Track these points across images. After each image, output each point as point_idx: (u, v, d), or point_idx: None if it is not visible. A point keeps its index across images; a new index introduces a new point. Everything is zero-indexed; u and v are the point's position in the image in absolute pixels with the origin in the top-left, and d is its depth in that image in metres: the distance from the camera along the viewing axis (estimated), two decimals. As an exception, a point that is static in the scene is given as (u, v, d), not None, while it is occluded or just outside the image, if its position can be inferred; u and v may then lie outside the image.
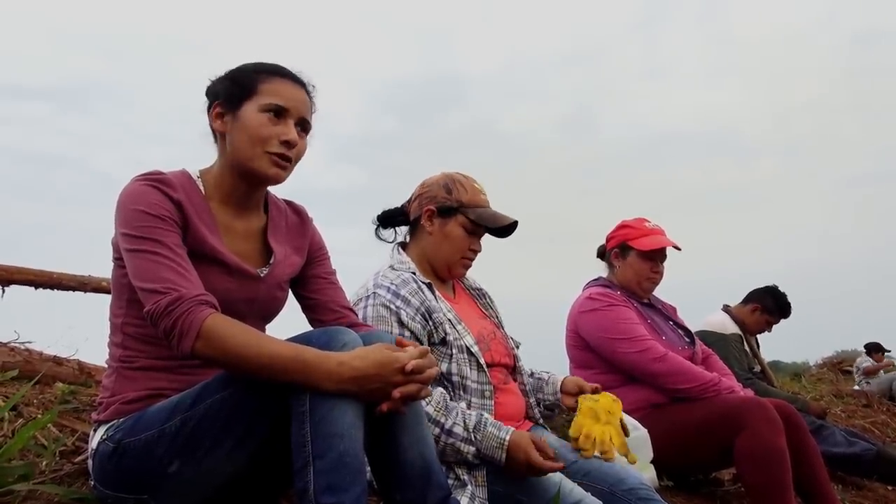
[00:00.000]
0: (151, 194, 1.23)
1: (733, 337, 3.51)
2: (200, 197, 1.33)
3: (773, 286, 3.79)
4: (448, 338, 1.62)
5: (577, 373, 2.50)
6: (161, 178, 1.27)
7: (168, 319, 1.11)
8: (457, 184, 1.78)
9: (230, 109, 1.32)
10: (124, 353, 1.29)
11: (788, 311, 3.74)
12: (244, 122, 1.30)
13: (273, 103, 1.30)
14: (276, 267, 1.40)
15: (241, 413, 1.14)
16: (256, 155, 1.30)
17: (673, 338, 2.43)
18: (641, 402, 2.26)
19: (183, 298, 1.13)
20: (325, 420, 1.07)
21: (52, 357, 2.58)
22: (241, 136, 1.30)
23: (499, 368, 1.75)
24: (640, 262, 2.48)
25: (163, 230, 1.21)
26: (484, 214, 1.76)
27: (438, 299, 1.70)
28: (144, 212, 1.21)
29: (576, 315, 2.46)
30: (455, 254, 1.77)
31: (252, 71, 1.34)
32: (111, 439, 1.22)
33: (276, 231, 1.44)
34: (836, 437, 3.04)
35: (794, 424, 2.21)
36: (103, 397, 1.30)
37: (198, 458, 1.16)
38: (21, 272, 3.07)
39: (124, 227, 1.21)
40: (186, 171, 1.36)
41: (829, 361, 7.51)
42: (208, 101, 1.37)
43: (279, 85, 1.33)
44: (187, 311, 1.12)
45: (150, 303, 1.14)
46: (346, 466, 1.04)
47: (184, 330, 1.11)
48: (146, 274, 1.17)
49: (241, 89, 1.32)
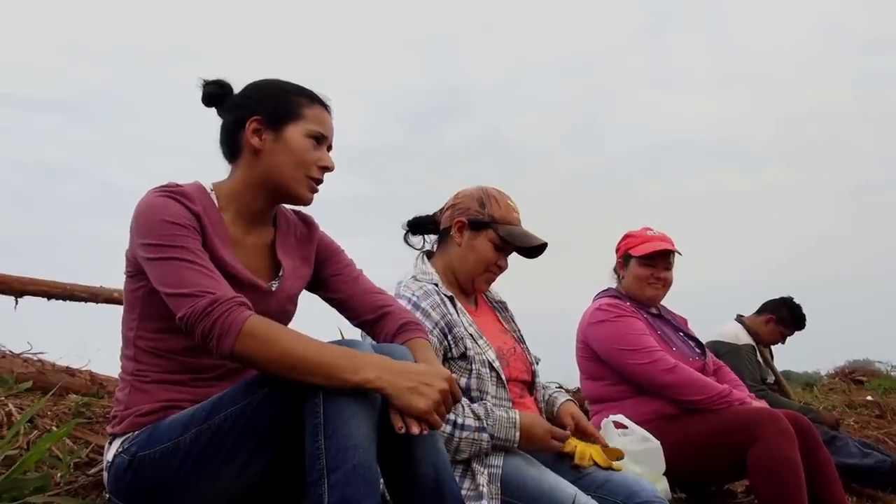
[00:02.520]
0: (172, 205, 1.25)
1: (746, 348, 3.48)
2: (214, 209, 1.34)
3: (788, 297, 3.75)
4: (469, 352, 1.63)
5: (588, 384, 2.50)
6: (179, 189, 1.28)
7: (207, 321, 1.12)
8: (491, 199, 1.79)
9: (271, 128, 1.35)
10: (137, 366, 1.30)
11: (803, 322, 3.71)
12: (290, 145, 1.34)
13: (318, 131, 1.36)
14: (286, 280, 1.41)
15: (256, 425, 1.15)
16: (298, 178, 1.36)
17: (683, 349, 2.42)
18: (652, 414, 2.25)
19: (220, 300, 1.13)
20: (338, 432, 1.07)
21: (65, 368, 2.61)
22: (285, 158, 1.34)
23: (515, 383, 1.75)
24: (640, 268, 2.48)
25: (187, 237, 1.22)
26: (514, 232, 1.77)
27: (460, 312, 1.70)
28: (168, 221, 1.22)
29: (585, 326, 2.46)
30: (479, 267, 1.78)
31: (295, 94, 1.38)
32: (126, 452, 1.23)
33: (284, 244, 1.45)
34: (850, 448, 3.01)
35: (808, 435, 2.19)
36: (117, 410, 1.31)
37: (212, 471, 1.17)
38: (35, 283, 3.11)
39: (146, 237, 1.22)
40: (200, 184, 1.37)
41: (840, 371, 7.42)
42: (236, 114, 1.38)
43: (320, 112, 1.39)
44: (227, 311, 1.12)
45: (186, 307, 1.13)
46: (360, 479, 1.05)
47: (224, 330, 1.11)
48: (176, 280, 1.17)
49: (285, 111, 1.36)
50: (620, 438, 1.84)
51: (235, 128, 1.37)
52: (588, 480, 1.59)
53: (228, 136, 1.39)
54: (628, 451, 1.76)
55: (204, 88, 1.41)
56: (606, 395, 2.39)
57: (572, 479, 1.56)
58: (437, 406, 1.13)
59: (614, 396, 2.37)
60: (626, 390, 2.34)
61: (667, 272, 2.49)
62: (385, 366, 1.12)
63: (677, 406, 2.26)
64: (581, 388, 2.69)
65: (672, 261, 2.51)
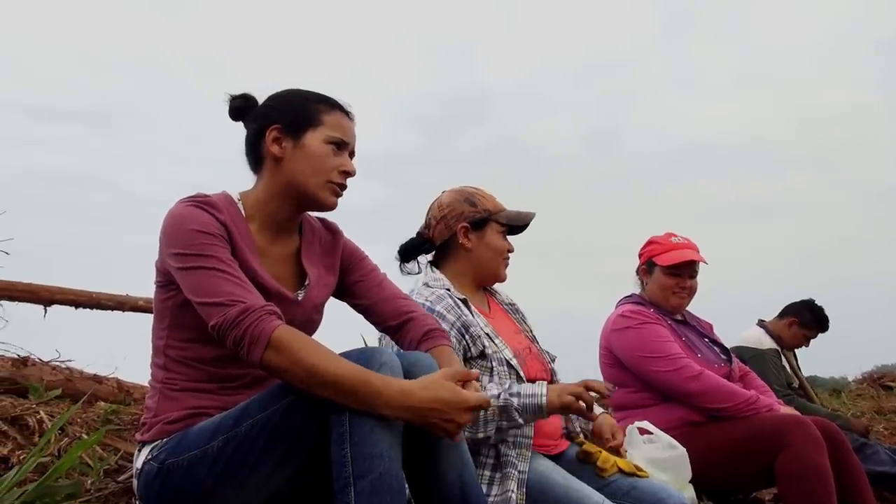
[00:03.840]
0: (201, 215, 1.26)
1: (770, 352, 3.44)
2: (241, 219, 1.36)
3: (810, 300, 3.70)
4: (487, 351, 1.64)
5: (612, 391, 2.48)
6: (207, 200, 1.30)
7: (238, 330, 1.13)
8: (476, 196, 1.86)
9: (290, 136, 1.37)
10: (166, 374, 1.31)
11: (826, 324, 3.65)
12: (309, 151, 1.36)
13: (338, 137, 1.37)
14: (312, 290, 1.42)
15: (282, 434, 1.15)
16: (319, 184, 1.37)
17: (708, 355, 2.39)
18: (678, 421, 2.23)
19: (251, 309, 1.15)
20: (365, 441, 1.07)
21: (92, 376, 2.65)
22: (305, 165, 1.36)
23: None
24: (665, 277, 2.44)
25: (217, 247, 1.24)
26: (511, 215, 1.86)
27: (475, 314, 1.71)
28: (197, 230, 1.24)
29: (609, 333, 2.44)
30: (498, 258, 1.85)
31: (314, 101, 1.40)
32: (156, 459, 1.24)
33: (309, 253, 1.46)
34: (881, 455, 2.94)
35: (837, 443, 2.15)
36: (147, 418, 1.32)
37: (240, 479, 1.17)
38: (63, 292, 3.17)
39: (176, 246, 1.23)
40: (227, 193, 1.39)
41: (869, 376, 7.27)
42: (258, 124, 1.40)
43: (341, 119, 1.40)
44: (257, 319, 1.14)
45: (217, 316, 1.15)
46: (387, 487, 1.05)
47: (254, 339, 1.12)
48: (207, 289, 1.19)
49: (304, 118, 1.37)
50: (646, 445, 1.83)
51: (257, 138, 1.39)
52: (614, 488, 1.58)
53: (251, 147, 1.41)
54: (654, 459, 1.75)
55: (231, 103, 1.43)
56: (631, 402, 2.37)
57: (597, 486, 1.55)
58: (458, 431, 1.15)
59: (639, 403, 2.34)
60: (651, 397, 2.32)
61: (691, 280, 2.46)
62: (402, 401, 1.11)
63: (703, 413, 2.23)
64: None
65: (697, 269, 2.49)
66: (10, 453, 1.59)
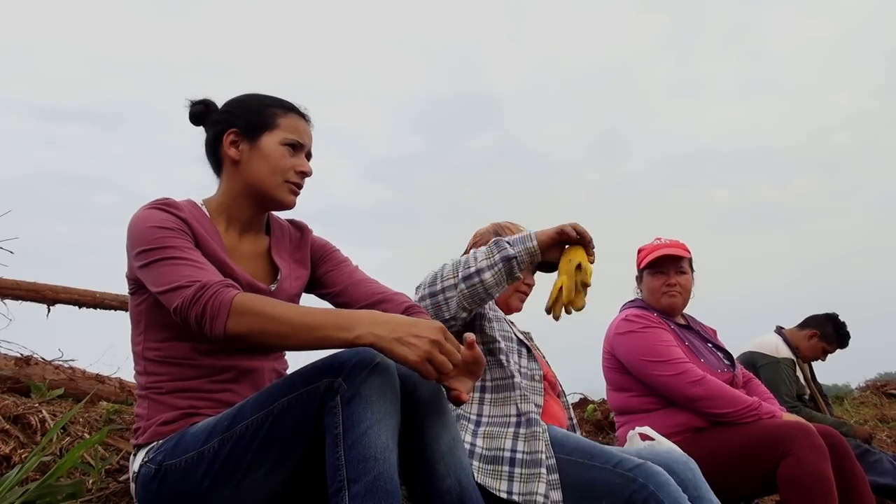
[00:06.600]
0: (159, 213, 1.30)
1: (786, 361, 3.37)
2: (207, 220, 1.40)
3: (833, 314, 3.61)
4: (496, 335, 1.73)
5: (614, 395, 2.48)
6: (166, 200, 1.35)
7: (197, 307, 1.14)
8: (504, 229, 1.96)
9: (247, 139, 1.42)
10: (149, 379, 1.33)
11: (847, 341, 3.57)
12: (266, 153, 1.40)
13: (293, 139, 1.42)
14: (284, 282, 1.46)
15: (277, 435, 1.15)
16: (277, 183, 1.41)
17: (712, 360, 2.39)
18: (681, 427, 2.22)
19: (207, 284, 1.16)
20: (359, 443, 1.07)
21: (95, 375, 2.65)
22: (262, 165, 1.40)
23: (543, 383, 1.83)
24: (651, 278, 2.48)
25: (175, 238, 1.27)
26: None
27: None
28: (155, 226, 1.27)
29: (612, 337, 2.44)
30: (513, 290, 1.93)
31: (270, 105, 1.45)
32: (153, 461, 1.25)
33: (279, 249, 1.50)
34: (884, 464, 2.93)
35: (840, 450, 2.14)
36: (139, 423, 1.33)
37: (236, 480, 1.17)
38: (66, 291, 3.18)
39: (137, 246, 1.27)
40: (191, 199, 1.44)
41: (872, 384, 7.22)
42: (216, 128, 1.45)
43: (296, 121, 1.45)
44: (214, 293, 1.15)
45: (177, 299, 1.17)
46: (381, 490, 1.04)
47: (214, 311, 1.13)
48: (166, 277, 1.21)
49: (260, 122, 1.42)
50: (647, 451, 1.82)
51: (216, 141, 1.44)
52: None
53: (211, 150, 1.47)
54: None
55: (191, 108, 1.48)
56: (633, 406, 2.37)
57: None
58: (428, 355, 1.09)
59: (641, 408, 2.34)
60: (654, 402, 2.31)
61: (678, 276, 2.45)
62: (373, 319, 1.12)
63: (706, 419, 2.23)
64: (607, 399, 2.66)
65: (684, 265, 2.48)
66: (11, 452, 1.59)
